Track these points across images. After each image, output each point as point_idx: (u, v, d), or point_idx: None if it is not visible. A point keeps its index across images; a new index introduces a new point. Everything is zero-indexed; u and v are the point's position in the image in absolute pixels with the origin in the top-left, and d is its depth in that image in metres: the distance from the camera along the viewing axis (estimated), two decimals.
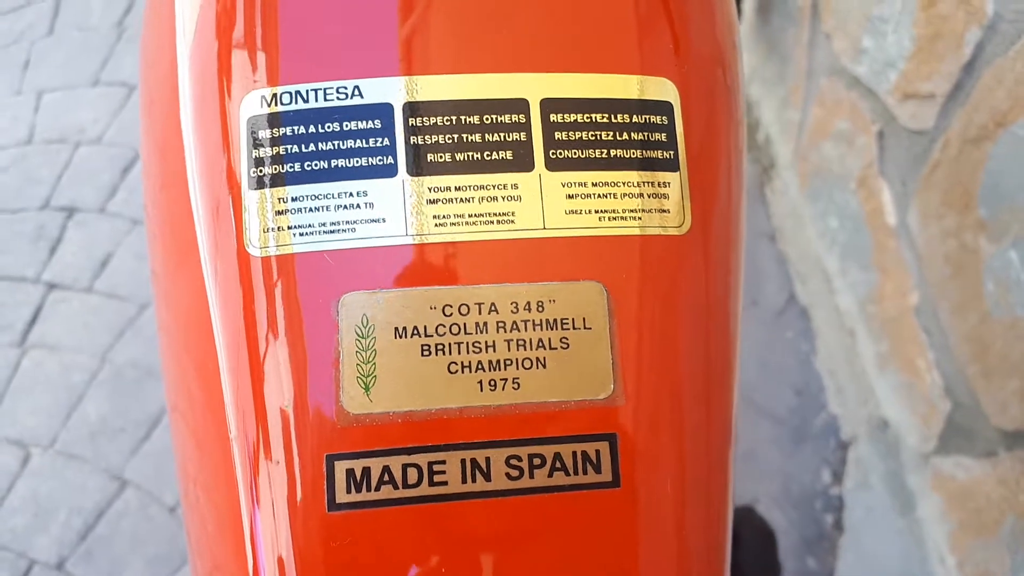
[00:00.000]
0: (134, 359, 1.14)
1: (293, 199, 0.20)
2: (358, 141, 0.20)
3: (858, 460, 0.99)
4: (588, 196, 0.19)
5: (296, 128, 0.21)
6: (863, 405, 0.98)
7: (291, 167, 0.21)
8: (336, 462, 0.18)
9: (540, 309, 0.19)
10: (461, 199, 0.19)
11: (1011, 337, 0.71)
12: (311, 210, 0.20)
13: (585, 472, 0.19)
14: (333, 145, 0.20)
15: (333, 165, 0.20)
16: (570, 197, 0.20)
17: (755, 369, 1.06)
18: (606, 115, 0.21)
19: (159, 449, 1.07)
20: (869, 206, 0.92)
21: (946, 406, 0.83)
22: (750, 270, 1.14)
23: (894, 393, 0.92)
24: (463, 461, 0.18)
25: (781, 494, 0.98)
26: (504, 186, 0.19)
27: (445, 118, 0.20)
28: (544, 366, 0.19)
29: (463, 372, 0.19)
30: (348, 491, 0.18)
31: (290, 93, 0.21)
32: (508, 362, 0.18)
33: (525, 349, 0.19)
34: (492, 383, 0.18)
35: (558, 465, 0.18)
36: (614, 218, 0.20)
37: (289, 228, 0.20)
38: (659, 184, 0.21)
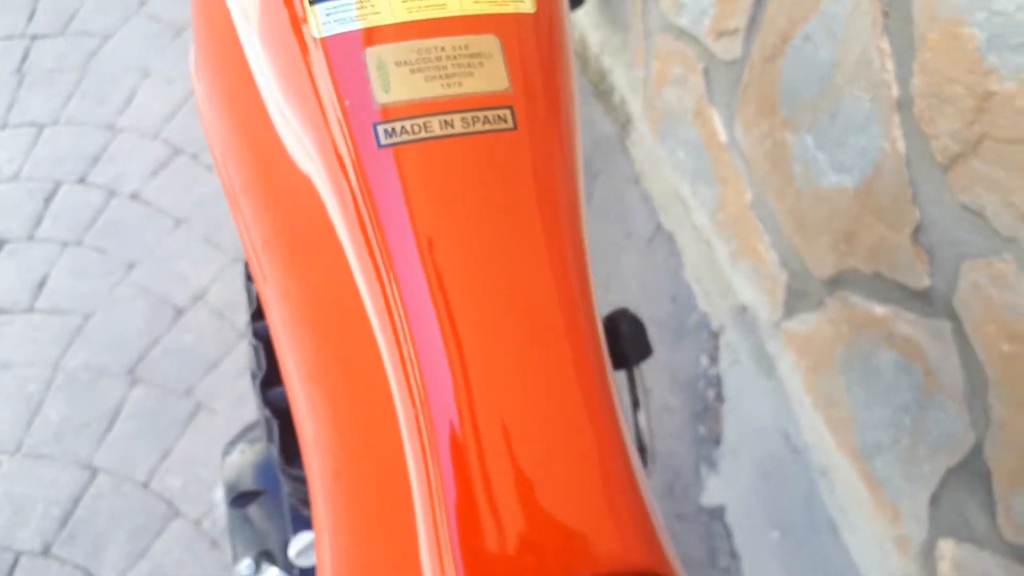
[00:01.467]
0: (86, 363, 1.24)
1: (327, 13, 0.36)
2: None
3: (727, 343, 1.19)
4: None
5: None
6: (724, 299, 1.19)
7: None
8: (377, 126, 0.34)
9: (466, 48, 0.36)
10: None
11: (816, 203, 0.93)
12: (341, 11, 0.36)
13: (502, 122, 0.36)
14: None
15: None
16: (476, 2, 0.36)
17: (636, 288, 1.26)
18: None
19: (125, 435, 1.17)
20: (705, 132, 1.13)
21: (783, 276, 1.04)
22: (621, 209, 1.34)
23: (746, 280, 1.14)
24: (441, 119, 0.35)
25: (670, 382, 1.17)
26: None
27: None
28: (473, 75, 0.35)
29: (434, 80, 0.35)
30: (386, 138, 0.35)
31: None
32: (455, 74, 0.35)
33: (463, 67, 0.35)
34: (449, 84, 0.35)
35: (488, 119, 0.35)
36: (498, 5, 0.37)
37: (331, 22, 0.35)
38: None
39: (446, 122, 0.34)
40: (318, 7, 0.36)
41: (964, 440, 0.79)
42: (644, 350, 0.63)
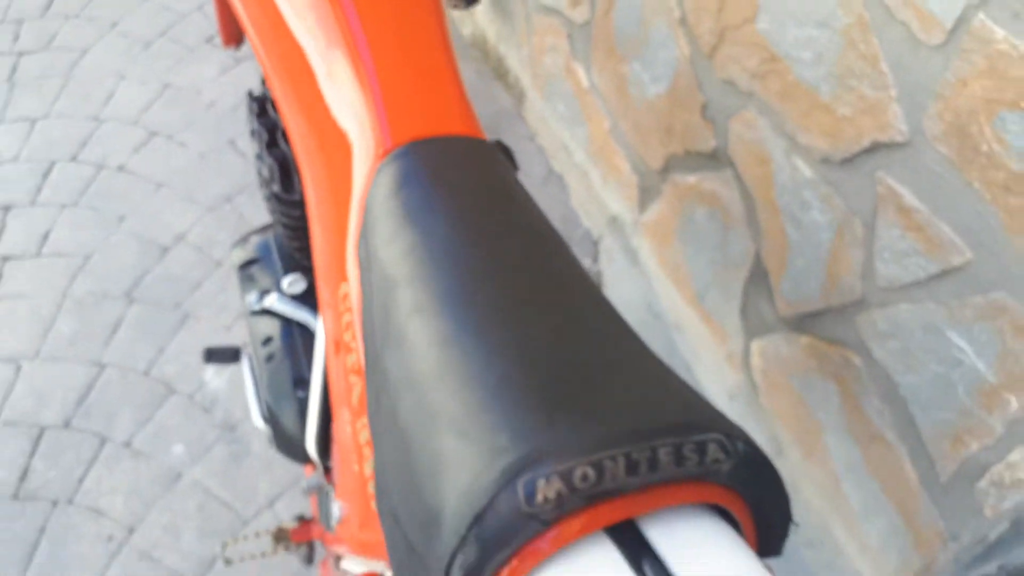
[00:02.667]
0: (90, 290, 1.52)
1: None
2: None
3: (605, 248, 1.55)
4: None
5: None
6: (601, 214, 1.55)
7: None
8: None
9: None
10: None
11: (647, 112, 1.30)
12: None
13: None
14: None
15: None
16: None
17: None
18: None
19: (127, 340, 1.45)
20: (573, 83, 1.50)
21: (635, 180, 1.41)
22: (521, 161, 1.69)
23: (613, 195, 1.50)
24: None
25: None
26: None
27: None
28: None
29: None
30: None
31: None
32: None
33: None
34: None
35: None
36: None
37: None
38: None
39: None
40: None
41: (749, 252, 1.15)
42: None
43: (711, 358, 1.34)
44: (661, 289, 1.42)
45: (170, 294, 1.50)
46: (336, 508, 0.68)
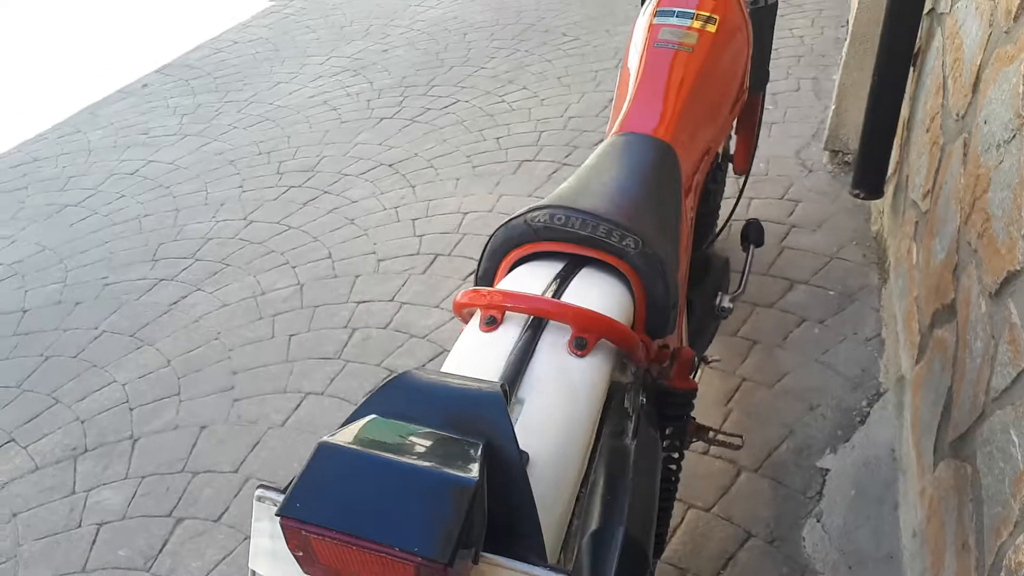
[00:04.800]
0: None
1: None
2: None
3: (884, 399, 1.75)
4: None
5: None
6: (895, 372, 1.76)
7: None
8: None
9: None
10: None
11: (932, 276, 1.55)
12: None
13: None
14: None
15: None
16: None
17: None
18: None
19: None
20: (908, 261, 1.78)
21: (917, 339, 1.63)
22: (861, 328, 1.97)
23: (905, 355, 1.71)
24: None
25: None
26: None
27: None
28: None
29: None
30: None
31: None
32: None
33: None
34: None
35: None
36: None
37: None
38: None
39: None
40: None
41: (946, 388, 1.34)
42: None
43: (913, 497, 1.47)
44: (904, 435, 1.59)
45: None
46: None
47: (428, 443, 0.54)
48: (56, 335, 2.38)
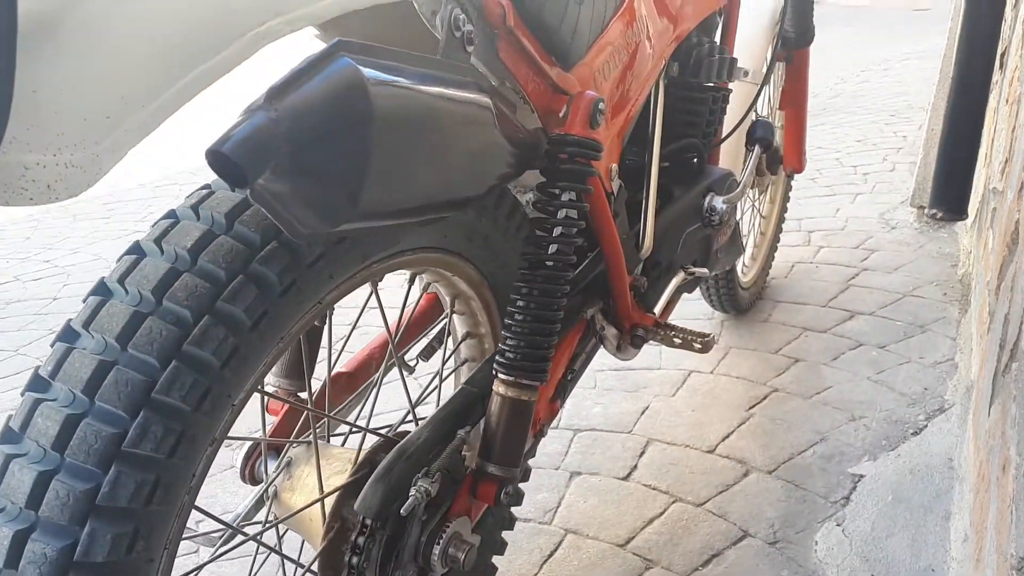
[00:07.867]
0: None
1: None
2: None
3: (950, 410, 1.38)
4: None
5: None
6: (964, 385, 1.40)
7: None
8: None
9: None
10: None
11: None
12: None
13: None
14: None
15: None
16: None
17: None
18: None
19: None
20: (982, 285, 1.46)
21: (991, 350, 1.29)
22: (936, 351, 1.62)
23: (976, 363, 1.36)
24: None
25: None
26: None
27: None
28: None
29: None
30: None
31: None
32: None
33: None
34: None
35: None
36: None
37: None
38: None
39: None
40: None
41: None
42: None
43: (969, 500, 1.10)
44: (963, 446, 1.22)
45: None
46: None
47: None
48: None
